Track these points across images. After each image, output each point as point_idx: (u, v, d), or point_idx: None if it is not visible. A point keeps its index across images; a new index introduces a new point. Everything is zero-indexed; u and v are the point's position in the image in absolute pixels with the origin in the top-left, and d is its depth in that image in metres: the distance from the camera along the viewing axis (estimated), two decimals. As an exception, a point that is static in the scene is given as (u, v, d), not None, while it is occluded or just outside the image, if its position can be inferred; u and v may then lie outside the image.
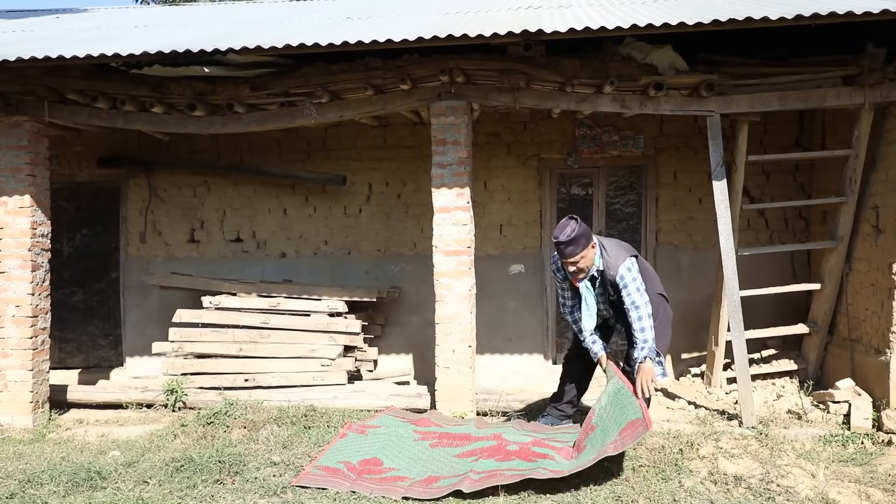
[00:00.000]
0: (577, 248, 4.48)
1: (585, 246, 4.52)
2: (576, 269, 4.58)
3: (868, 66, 5.60)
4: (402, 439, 4.38)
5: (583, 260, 4.56)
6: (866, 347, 6.03)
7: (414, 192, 7.53)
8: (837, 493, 3.75)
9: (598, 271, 4.65)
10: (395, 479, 3.95)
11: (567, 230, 4.46)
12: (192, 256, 7.82)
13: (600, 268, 4.64)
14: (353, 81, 5.82)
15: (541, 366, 7.49)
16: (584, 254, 4.53)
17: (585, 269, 4.61)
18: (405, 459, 4.14)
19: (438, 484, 3.87)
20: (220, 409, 5.25)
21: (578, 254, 4.50)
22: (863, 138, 5.93)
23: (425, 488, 3.84)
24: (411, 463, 4.11)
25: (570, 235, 4.46)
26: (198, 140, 7.55)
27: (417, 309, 7.43)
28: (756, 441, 4.32)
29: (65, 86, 5.94)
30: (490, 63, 5.69)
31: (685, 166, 7.35)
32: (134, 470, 4.29)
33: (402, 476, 3.98)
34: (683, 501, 3.63)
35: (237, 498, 3.82)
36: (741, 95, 5.78)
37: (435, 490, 3.81)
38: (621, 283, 4.57)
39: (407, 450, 4.26)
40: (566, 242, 4.46)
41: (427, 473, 4.00)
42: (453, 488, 3.76)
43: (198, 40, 5.60)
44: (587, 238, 4.54)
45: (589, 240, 4.56)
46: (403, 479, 3.95)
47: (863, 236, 6.14)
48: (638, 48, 5.64)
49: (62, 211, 7.62)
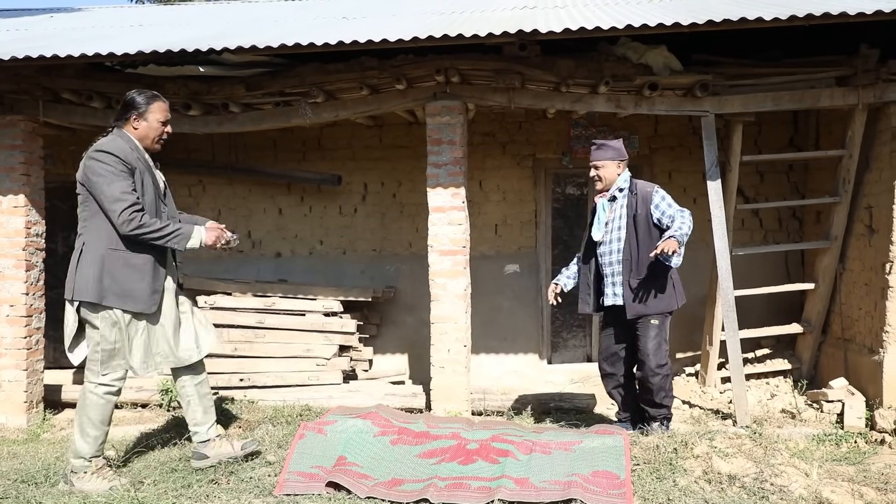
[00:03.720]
0: (603, 153, 4.73)
1: (612, 158, 4.73)
2: (596, 175, 4.77)
3: (861, 66, 5.62)
4: (363, 434, 4.32)
5: (604, 169, 4.75)
6: (860, 347, 6.05)
7: (409, 192, 7.53)
8: (831, 491, 3.76)
9: (620, 190, 4.76)
10: (360, 476, 3.94)
11: (608, 137, 4.84)
12: (188, 256, 7.79)
13: (622, 187, 4.76)
14: (348, 81, 5.82)
15: (535, 365, 7.51)
16: (606, 164, 4.74)
17: (605, 181, 4.77)
18: (367, 458, 4.12)
19: (403, 488, 3.85)
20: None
21: (602, 160, 4.73)
22: (856, 139, 5.95)
23: (389, 490, 3.82)
24: (374, 462, 4.08)
25: (603, 141, 4.83)
26: (193, 139, 7.54)
27: (413, 309, 7.43)
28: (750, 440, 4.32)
29: (59, 85, 5.94)
30: (485, 63, 5.70)
31: (680, 166, 7.37)
32: (129, 469, 4.29)
33: (365, 474, 3.97)
34: (678, 500, 3.64)
35: (232, 498, 3.81)
36: (736, 96, 5.80)
37: (400, 494, 3.78)
38: (658, 195, 4.67)
39: (369, 448, 4.22)
40: (598, 145, 4.79)
41: (391, 475, 3.98)
42: (419, 496, 3.73)
43: (193, 40, 5.60)
44: (617, 154, 4.75)
45: (618, 156, 4.75)
46: (368, 478, 3.93)
47: (856, 236, 6.17)
48: (633, 48, 5.65)
49: (57, 210, 7.59)
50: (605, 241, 4.79)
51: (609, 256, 4.78)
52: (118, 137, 3.95)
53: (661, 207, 4.65)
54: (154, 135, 4.04)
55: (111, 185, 3.78)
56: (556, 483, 3.80)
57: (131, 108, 3.97)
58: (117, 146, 3.87)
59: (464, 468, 4.03)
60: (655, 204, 4.65)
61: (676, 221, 4.57)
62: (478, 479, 3.89)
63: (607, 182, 4.77)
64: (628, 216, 4.71)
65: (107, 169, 3.80)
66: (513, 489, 3.75)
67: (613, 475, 3.86)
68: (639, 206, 4.67)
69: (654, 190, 4.71)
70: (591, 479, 3.82)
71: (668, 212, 4.63)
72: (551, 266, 7.58)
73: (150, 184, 3.99)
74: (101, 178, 3.80)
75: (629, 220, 4.70)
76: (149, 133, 4.01)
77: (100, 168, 3.81)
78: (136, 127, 3.98)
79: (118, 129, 3.99)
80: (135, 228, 3.80)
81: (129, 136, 3.97)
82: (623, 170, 4.79)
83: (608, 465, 3.96)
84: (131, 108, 3.97)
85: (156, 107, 4.00)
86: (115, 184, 3.79)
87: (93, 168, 3.83)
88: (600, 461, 4.00)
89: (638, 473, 3.93)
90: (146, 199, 3.93)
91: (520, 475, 3.89)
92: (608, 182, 4.77)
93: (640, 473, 3.93)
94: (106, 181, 3.79)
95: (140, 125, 3.98)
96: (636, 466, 3.99)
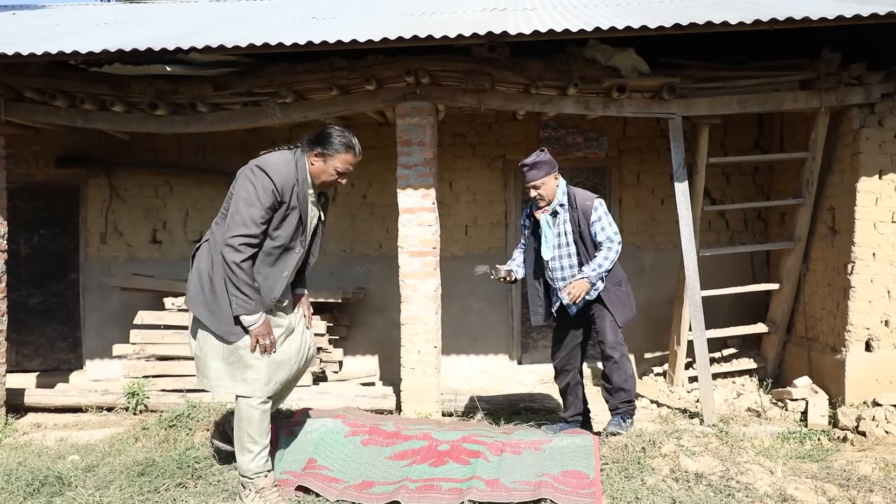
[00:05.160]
0: (539, 172, 4.68)
1: (548, 173, 4.70)
2: (537, 195, 4.74)
3: (824, 70, 5.73)
4: (333, 435, 4.30)
5: (544, 186, 4.71)
6: (823, 346, 6.16)
7: (379, 193, 7.51)
8: (795, 488, 3.82)
9: (561, 205, 4.76)
10: (329, 480, 3.92)
11: (533, 155, 4.72)
12: (155, 258, 7.71)
13: (563, 202, 4.76)
14: (317, 81, 5.79)
15: (506, 366, 7.53)
16: (545, 180, 4.70)
17: (547, 198, 4.75)
18: (338, 461, 4.10)
19: (374, 490, 3.84)
20: (183, 412, 5.17)
21: (540, 178, 4.68)
22: (819, 141, 6.06)
23: (360, 493, 3.81)
24: (344, 465, 4.07)
25: (534, 160, 4.71)
26: (160, 140, 7.45)
27: (383, 310, 7.41)
28: (717, 439, 4.38)
29: (22, 83, 5.82)
30: (455, 64, 5.70)
31: (648, 168, 7.45)
32: (94, 474, 4.22)
33: (336, 477, 3.95)
34: (646, 499, 3.68)
35: (200, 501, 3.78)
36: (702, 98, 5.87)
37: (371, 496, 3.77)
38: (595, 214, 4.70)
39: (339, 449, 4.20)
40: (530, 165, 4.70)
41: (361, 478, 3.96)
42: (390, 498, 3.73)
43: (160, 38, 5.53)
44: (551, 166, 4.72)
45: (553, 169, 4.73)
46: (338, 481, 3.92)
47: (819, 237, 6.28)
48: (601, 51, 5.69)
49: (19, 211, 7.46)
50: (554, 258, 4.82)
51: (561, 272, 4.81)
52: (290, 162, 3.66)
53: (595, 228, 4.72)
54: (325, 179, 3.73)
55: (250, 208, 3.52)
56: (527, 483, 3.82)
57: (319, 143, 3.69)
58: (280, 174, 3.58)
59: (434, 470, 4.03)
60: (592, 221, 4.72)
61: (599, 256, 4.66)
62: (449, 481, 3.90)
63: (549, 197, 4.76)
64: (574, 232, 4.76)
65: (254, 191, 3.52)
66: (483, 490, 3.76)
67: (583, 475, 3.89)
68: (581, 222, 4.74)
69: (593, 205, 4.74)
70: (562, 478, 3.85)
71: (599, 235, 4.71)
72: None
73: (295, 222, 3.66)
74: (245, 193, 3.54)
75: (576, 237, 4.76)
76: (321, 175, 3.71)
77: (249, 185, 3.54)
78: (313, 163, 3.70)
79: (299, 153, 3.72)
80: (231, 260, 3.50)
81: (304, 165, 3.70)
82: (559, 180, 4.81)
83: (578, 464, 3.98)
84: (319, 143, 3.69)
85: (342, 158, 3.69)
86: (255, 209, 3.51)
87: (244, 178, 3.58)
88: (570, 461, 4.02)
89: (607, 472, 3.96)
90: (280, 233, 3.63)
91: (490, 476, 3.91)
92: (549, 197, 4.76)
93: (608, 472, 3.96)
94: (247, 202, 3.53)
95: (317, 163, 3.69)
96: (605, 466, 4.02)
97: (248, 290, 3.53)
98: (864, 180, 5.66)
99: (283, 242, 3.66)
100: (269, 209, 3.55)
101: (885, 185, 5.67)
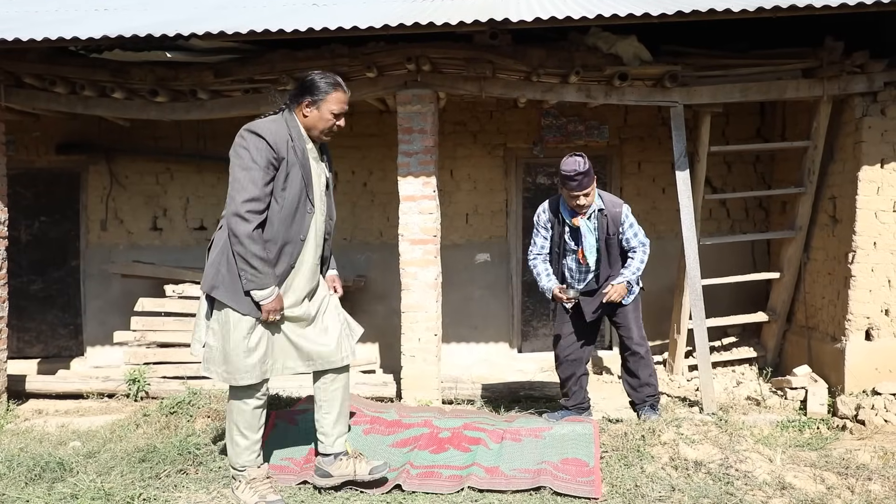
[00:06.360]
0: (589, 179, 4.53)
1: (594, 179, 4.60)
2: (584, 203, 4.61)
3: (827, 59, 5.70)
4: None
5: (592, 193, 4.63)
6: (823, 335, 6.16)
7: (380, 181, 7.50)
8: (794, 477, 3.83)
9: (598, 210, 4.71)
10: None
11: (577, 162, 4.50)
12: (155, 245, 7.71)
13: (601, 206, 4.71)
14: (318, 68, 5.73)
15: (506, 354, 7.54)
16: (593, 186, 4.62)
17: (589, 205, 4.66)
18: None
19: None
20: (184, 399, 5.18)
21: (590, 186, 4.56)
22: (821, 130, 6.04)
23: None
24: None
25: (584, 166, 4.49)
26: (160, 127, 7.43)
27: (383, 298, 7.42)
28: (716, 427, 4.39)
29: (22, 70, 5.81)
30: (456, 52, 5.68)
31: (649, 156, 7.43)
32: (95, 460, 4.23)
33: None
34: (645, 486, 3.69)
35: (200, 488, 3.79)
36: (704, 87, 5.85)
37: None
38: (627, 221, 4.70)
39: None
40: (583, 173, 4.48)
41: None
42: (392, 484, 3.75)
43: (160, 24, 5.50)
44: (593, 172, 4.59)
45: (594, 175, 4.61)
46: None
47: (820, 226, 6.27)
48: (603, 38, 5.67)
49: (20, 198, 7.46)
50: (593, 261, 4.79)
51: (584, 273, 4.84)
52: (279, 121, 3.51)
53: (627, 234, 4.74)
54: (323, 127, 3.52)
55: (247, 172, 3.39)
56: (526, 471, 3.83)
57: (305, 93, 3.49)
58: (271, 130, 3.43)
59: (435, 457, 4.04)
60: (624, 229, 4.73)
61: (636, 260, 4.71)
62: (449, 468, 3.91)
63: (590, 203, 4.68)
64: (600, 237, 4.74)
65: (248, 154, 3.40)
66: (483, 477, 3.77)
67: (582, 462, 3.90)
68: (610, 227, 4.72)
69: (622, 211, 4.73)
70: (561, 466, 3.86)
71: (632, 241, 4.74)
72: (522, 255, 7.62)
73: (298, 179, 3.47)
74: (239, 160, 3.44)
75: (601, 242, 4.74)
76: (318, 124, 3.52)
77: (241, 150, 3.43)
78: (306, 114, 3.51)
79: (287, 112, 3.55)
80: (239, 232, 3.36)
81: (295, 122, 3.52)
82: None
83: (577, 452, 4.00)
84: (305, 93, 3.49)
85: (333, 97, 3.48)
86: (253, 172, 3.37)
87: (235, 147, 3.47)
88: (570, 448, 4.04)
89: (606, 460, 3.97)
90: (286, 194, 3.45)
91: (490, 463, 3.92)
92: (590, 203, 4.69)
93: (608, 460, 3.97)
94: (242, 167, 3.41)
95: (311, 113, 3.50)
96: (605, 453, 4.04)
97: (258, 263, 3.35)
98: (865, 169, 5.65)
99: (293, 202, 3.47)
100: (266, 168, 3.39)
101: (886, 174, 5.66)
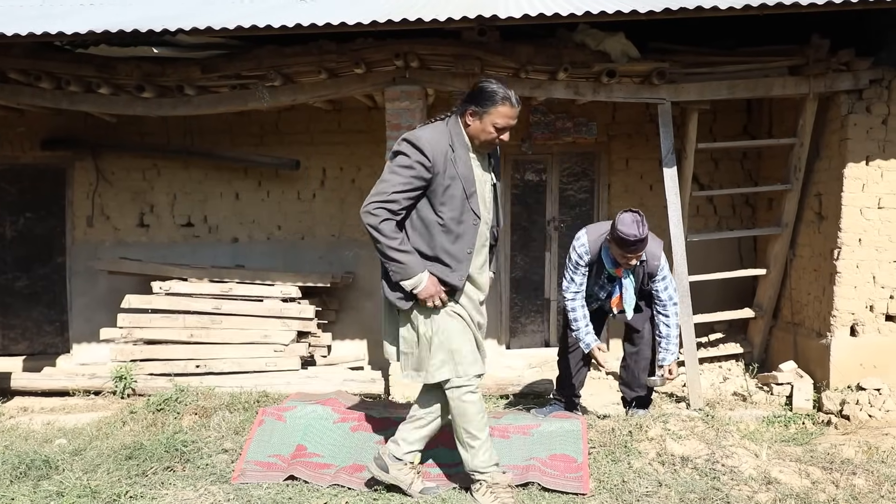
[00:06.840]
0: (645, 243, 4.40)
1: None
2: (635, 263, 4.50)
3: (813, 56, 5.74)
4: (322, 421, 4.31)
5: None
6: (808, 331, 6.21)
7: (368, 178, 7.48)
8: (779, 471, 3.86)
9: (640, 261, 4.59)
10: (320, 466, 3.93)
11: (642, 227, 4.34)
12: (142, 241, 7.67)
13: (643, 258, 4.57)
14: (306, 65, 5.75)
15: (494, 350, 7.54)
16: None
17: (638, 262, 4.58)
18: (328, 446, 4.11)
19: (364, 474, 3.85)
20: (171, 396, 5.17)
21: (644, 248, 4.44)
22: (807, 127, 6.08)
23: (351, 476, 3.82)
24: (335, 450, 4.08)
25: (644, 233, 4.35)
26: (147, 122, 7.38)
27: (372, 294, 7.40)
28: (703, 423, 4.41)
29: (6, 65, 5.76)
30: (445, 48, 5.68)
31: (637, 153, 7.45)
32: (81, 458, 4.21)
33: (327, 463, 3.96)
34: (632, 482, 3.70)
35: (188, 485, 3.78)
36: (691, 84, 5.87)
37: (361, 481, 3.78)
38: (661, 273, 4.62)
39: (329, 435, 4.20)
40: (642, 239, 4.35)
41: (352, 461, 3.97)
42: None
43: (146, 19, 5.47)
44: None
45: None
46: (329, 466, 3.93)
47: (806, 223, 6.31)
48: (591, 35, 5.68)
49: (5, 193, 7.41)
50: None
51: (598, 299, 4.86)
52: (441, 129, 3.39)
53: (657, 286, 4.64)
54: (484, 139, 3.38)
55: (392, 175, 3.30)
56: (515, 467, 3.84)
57: (472, 101, 3.35)
58: (430, 141, 3.30)
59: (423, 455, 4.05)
60: (656, 280, 4.64)
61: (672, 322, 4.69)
62: (437, 466, 3.91)
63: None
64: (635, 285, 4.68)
65: (400, 159, 3.31)
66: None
67: (571, 458, 3.91)
68: (644, 278, 4.66)
69: (660, 265, 4.63)
70: (549, 462, 3.87)
71: (661, 294, 4.66)
72: (510, 252, 7.63)
73: (459, 192, 3.35)
74: (390, 164, 3.35)
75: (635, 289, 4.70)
76: (479, 135, 3.37)
77: (396, 157, 3.34)
78: (469, 123, 3.37)
79: (452, 118, 3.42)
80: (368, 224, 3.30)
81: (459, 130, 3.39)
82: None
83: (566, 448, 4.01)
84: (472, 101, 3.35)
85: (499, 111, 3.32)
86: (396, 177, 3.29)
87: (392, 154, 3.38)
88: (558, 445, 4.05)
89: (594, 456, 3.98)
90: (445, 207, 3.34)
91: None
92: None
93: (596, 456, 3.99)
94: (389, 170, 3.33)
95: (473, 123, 3.36)
96: (592, 449, 4.05)
97: (397, 255, 3.29)
98: (851, 166, 5.69)
99: (454, 216, 3.37)
100: (413, 178, 3.30)
101: (871, 171, 5.70)
